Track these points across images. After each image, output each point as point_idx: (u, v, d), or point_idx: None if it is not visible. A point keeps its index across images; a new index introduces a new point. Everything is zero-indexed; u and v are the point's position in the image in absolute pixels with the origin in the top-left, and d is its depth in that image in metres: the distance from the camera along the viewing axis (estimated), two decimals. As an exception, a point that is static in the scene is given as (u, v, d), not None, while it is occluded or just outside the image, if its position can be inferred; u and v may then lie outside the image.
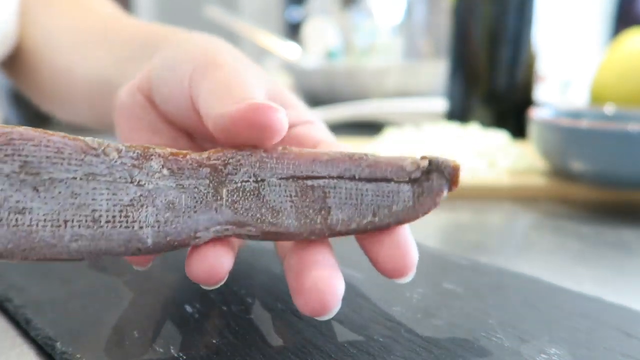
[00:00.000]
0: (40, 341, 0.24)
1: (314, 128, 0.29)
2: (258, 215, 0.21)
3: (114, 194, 0.20)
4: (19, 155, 0.19)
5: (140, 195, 0.20)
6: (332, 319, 0.25)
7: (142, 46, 0.35)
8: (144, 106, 0.31)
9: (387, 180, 0.22)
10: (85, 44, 0.40)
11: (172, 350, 0.22)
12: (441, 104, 0.76)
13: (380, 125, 0.78)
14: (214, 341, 0.23)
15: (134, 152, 0.21)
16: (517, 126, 0.66)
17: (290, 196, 0.22)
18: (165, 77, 0.29)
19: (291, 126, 0.28)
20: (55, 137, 0.20)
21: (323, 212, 0.22)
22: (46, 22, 0.44)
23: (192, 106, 0.27)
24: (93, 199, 0.20)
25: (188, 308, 0.25)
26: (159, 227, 0.20)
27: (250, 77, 0.26)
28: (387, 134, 0.61)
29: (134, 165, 0.20)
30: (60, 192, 0.19)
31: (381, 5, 1.37)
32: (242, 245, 0.27)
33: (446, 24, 1.15)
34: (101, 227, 0.20)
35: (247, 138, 0.22)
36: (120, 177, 0.20)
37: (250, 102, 0.21)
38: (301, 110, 0.30)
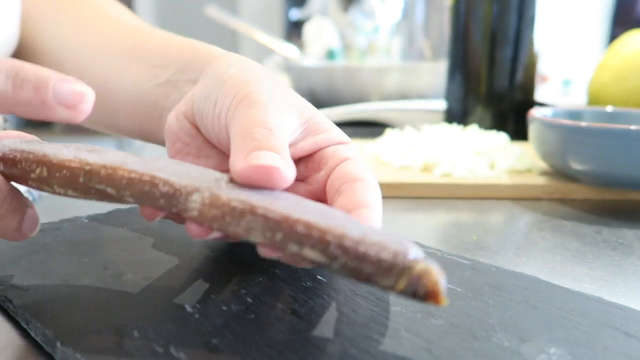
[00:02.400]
0: (40, 341, 0.24)
1: (345, 148, 0.30)
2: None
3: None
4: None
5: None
6: (333, 318, 0.25)
7: (182, 69, 0.35)
8: (190, 132, 0.33)
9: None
10: (120, 61, 0.40)
11: (172, 350, 0.22)
12: (441, 105, 0.76)
13: (380, 126, 0.78)
14: (214, 341, 0.23)
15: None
16: (517, 127, 0.66)
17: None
18: (206, 110, 0.30)
19: (324, 147, 0.30)
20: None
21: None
22: (71, 33, 0.44)
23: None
24: None
25: (188, 308, 0.25)
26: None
27: (278, 116, 0.28)
28: (387, 135, 0.61)
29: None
30: None
31: (381, 5, 1.37)
32: None
33: (446, 24, 1.15)
34: None
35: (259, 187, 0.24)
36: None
37: (251, 165, 0.23)
38: (334, 133, 0.31)
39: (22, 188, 0.50)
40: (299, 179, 0.31)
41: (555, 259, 0.35)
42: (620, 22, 1.82)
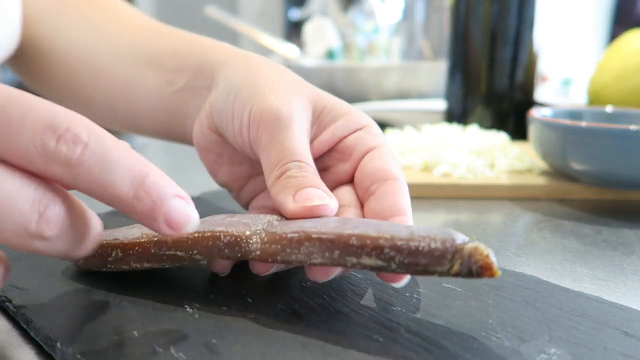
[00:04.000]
0: (40, 341, 0.24)
1: (366, 135, 0.31)
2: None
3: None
4: None
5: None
6: (333, 318, 0.25)
7: (195, 75, 0.36)
8: (219, 142, 0.34)
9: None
10: (135, 65, 0.40)
11: (172, 350, 0.22)
12: (441, 105, 0.76)
13: (380, 126, 0.78)
14: (214, 341, 0.23)
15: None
16: (517, 127, 0.66)
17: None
18: (225, 123, 0.32)
19: (343, 137, 0.31)
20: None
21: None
22: (81, 34, 0.44)
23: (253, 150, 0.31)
24: None
25: (188, 308, 0.25)
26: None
27: (299, 133, 0.29)
28: (387, 135, 0.61)
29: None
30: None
31: (381, 5, 1.37)
32: None
33: (446, 24, 1.15)
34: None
35: None
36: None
37: (303, 207, 0.26)
38: (350, 117, 0.31)
39: None
40: (323, 169, 0.31)
41: (555, 259, 0.35)
42: (620, 22, 1.82)
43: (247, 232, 0.25)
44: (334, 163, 0.31)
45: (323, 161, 0.32)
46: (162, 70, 0.38)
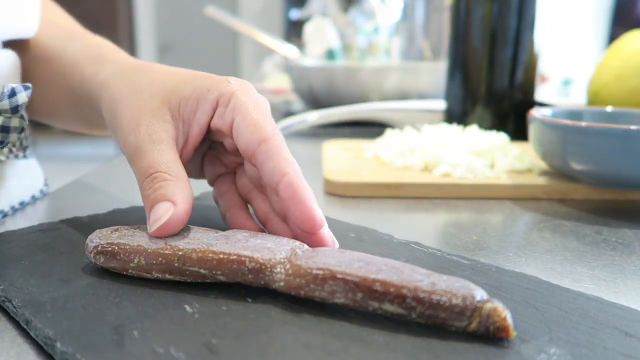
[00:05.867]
0: (40, 341, 0.24)
1: (224, 111, 0.32)
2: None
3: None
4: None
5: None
6: (333, 318, 0.25)
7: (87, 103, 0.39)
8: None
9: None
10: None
11: (172, 350, 0.22)
12: (441, 105, 0.76)
13: (380, 126, 0.78)
14: (214, 341, 0.23)
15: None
16: (517, 127, 0.66)
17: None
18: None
19: (208, 122, 0.33)
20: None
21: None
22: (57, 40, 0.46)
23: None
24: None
25: (188, 308, 0.25)
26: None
27: (150, 152, 0.32)
28: (387, 135, 0.61)
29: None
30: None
31: (381, 5, 1.37)
32: None
33: (446, 24, 1.15)
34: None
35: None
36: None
37: (159, 229, 0.29)
38: (207, 98, 0.32)
39: (38, 183, 0.50)
40: (225, 150, 0.35)
41: (555, 259, 0.35)
42: (620, 22, 1.82)
43: (272, 261, 0.26)
44: (226, 141, 0.33)
45: (220, 143, 0.35)
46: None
